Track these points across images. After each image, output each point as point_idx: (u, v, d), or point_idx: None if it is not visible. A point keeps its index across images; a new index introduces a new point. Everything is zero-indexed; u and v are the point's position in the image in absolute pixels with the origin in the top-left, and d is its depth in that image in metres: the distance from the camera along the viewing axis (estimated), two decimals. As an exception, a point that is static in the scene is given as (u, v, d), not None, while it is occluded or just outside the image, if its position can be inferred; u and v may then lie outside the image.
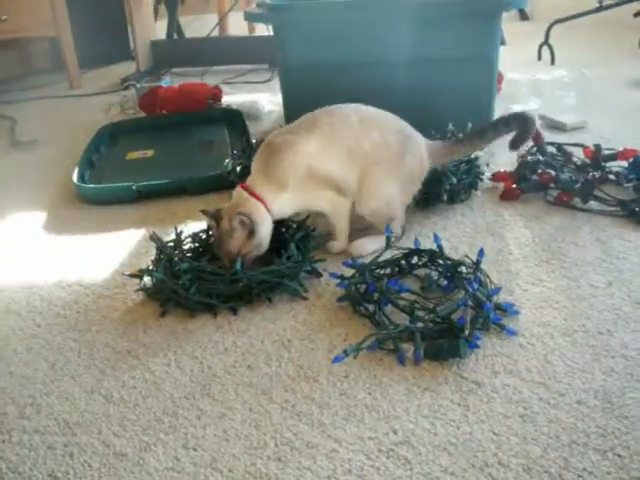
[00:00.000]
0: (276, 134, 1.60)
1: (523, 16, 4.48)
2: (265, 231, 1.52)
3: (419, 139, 1.67)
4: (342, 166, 1.57)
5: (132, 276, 1.54)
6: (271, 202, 1.52)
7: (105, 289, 1.58)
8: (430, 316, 1.32)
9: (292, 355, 1.30)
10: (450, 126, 1.98)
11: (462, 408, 1.14)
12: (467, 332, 1.25)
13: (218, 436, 1.12)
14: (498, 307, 1.36)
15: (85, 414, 1.19)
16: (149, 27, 3.76)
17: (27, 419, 1.19)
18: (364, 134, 1.58)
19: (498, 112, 2.29)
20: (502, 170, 1.95)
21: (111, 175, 2.24)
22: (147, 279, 1.53)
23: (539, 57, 3.43)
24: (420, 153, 1.65)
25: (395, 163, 1.59)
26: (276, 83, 2.60)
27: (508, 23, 2.21)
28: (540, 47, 3.43)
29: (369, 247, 1.63)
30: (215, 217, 1.52)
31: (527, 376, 1.20)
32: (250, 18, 2.35)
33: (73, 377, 1.29)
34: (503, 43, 2.32)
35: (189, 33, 4.25)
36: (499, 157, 2.11)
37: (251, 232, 1.49)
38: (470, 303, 1.32)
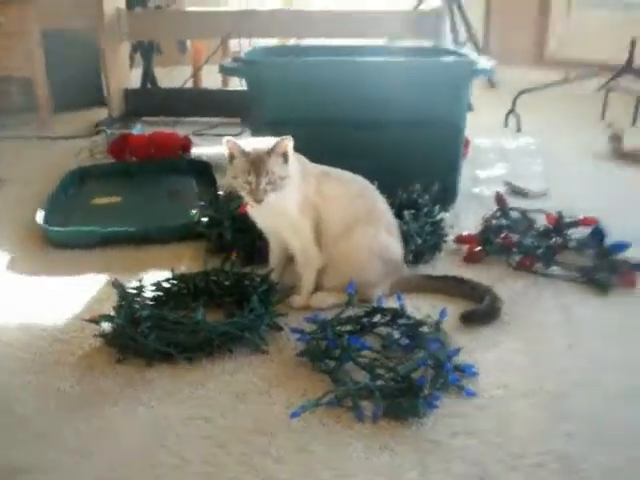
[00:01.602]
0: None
1: (491, 84, 4.59)
2: (293, 172, 1.53)
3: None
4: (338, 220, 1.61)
5: (91, 321, 1.52)
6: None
7: (63, 333, 1.56)
8: (390, 374, 1.32)
9: (249, 408, 1.29)
10: (417, 186, 2.01)
11: (421, 467, 1.13)
12: (427, 392, 1.25)
13: (171, 488, 1.10)
14: (458, 368, 1.36)
15: (39, 460, 1.16)
16: (123, 74, 3.77)
17: (-25, 463, 1.16)
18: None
19: (464, 176, 2.34)
20: (466, 233, 1.97)
21: (77, 219, 2.22)
22: (106, 325, 1.51)
23: (506, 124, 3.50)
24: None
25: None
26: (247, 137, 2.61)
27: (476, 90, 2.26)
28: (507, 115, 3.50)
29: (329, 300, 1.63)
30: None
31: (486, 437, 1.20)
32: (225, 71, 2.38)
33: (28, 422, 1.26)
34: (470, 109, 2.37)
35: (164, 83, 4.27)
36: (464, 220, 2.14)
37: (285, 158, 1.50)
38: (430, 363, 1.32)
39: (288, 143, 1.51)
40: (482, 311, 1.60)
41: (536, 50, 4.84)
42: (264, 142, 1.52)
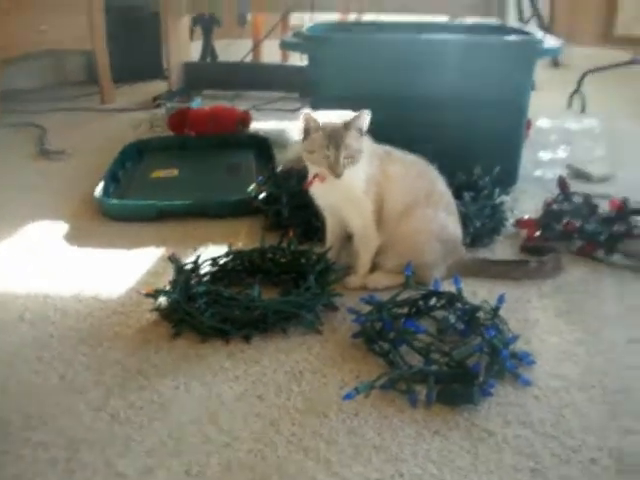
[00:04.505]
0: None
1: (555, 63, 4.49)
2: (365, 146, 1.54)
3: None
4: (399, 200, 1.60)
5: (148, 295, 1.53)
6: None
7: (120, 305, 1.58)
8: (445, 360, 1.30)
9: (303, 388, 1.29)
10: (477, 169, 1.97)
11: (471, 456, 1.12)
12: (481, 379, 1.23)
13: (222, 465, 1.10)
14: (514, 355, 1.34)
15: (90, 431, 1.18)
16: (183, 48, 3.79)
17: (32, 430, 1.18)
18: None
19: (525, 158, 2.29)
20: (526, 217, 1.94)
21: (135, 192, 2.25)
22: (162, 299, 1.52)
23: (569, 105, 3.42)
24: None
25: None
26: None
27: (540, 68, 2.21)
28: (571, 95, 3.42)
29: (385, 282, 1.62)
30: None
31: (540, 429, 1.17)
32: (286, 47, 2.37)
33: (81, 392, 1.28)
34: (533, 88, 2.32)
35: (223, 56, 4.28)
36: (524, 203, 2.10)
37: (361, 131, 1.50)
38: (486, 349, 1.30)
39: (366, 118, 1.50)
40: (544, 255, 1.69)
41: (604, 28, 4.68)
42: (339, 115, 1.51)
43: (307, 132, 1.52)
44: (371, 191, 1.57)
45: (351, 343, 1.42)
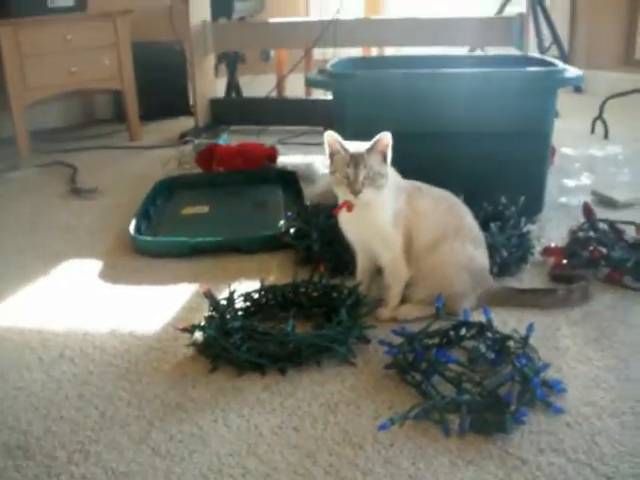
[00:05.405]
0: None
1: (577, 89, 4.51)
2: (390, 176, 1.57)
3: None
4: (427, 234, 1.63)
5: (184, 330, 1.57)
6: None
7: (156, 341, 1.62)
8: (477, 389, 1.32)
9: (338, 419, 1.31)
10: (502, 199, 2.00)
11: (506, 485, 1.13)
12: (513, 407, 1.25)
13: (262, 496, 1.13)
14: (545, 384, 1.35)
15: (132, 464, 1.21)
16: (209, 85, 3.86)
17: (75, 465, 1.21)
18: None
19: (550, 185, 2.31)
20: (553, 245, 1.95)
21: (167, 229, 2.30)
22: (198, 334, 1.56)
23: (592, 131, 3.44)
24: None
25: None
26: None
27: (562, 95, 2.24)
28: (594, 121, 3.43)
29: (415, 313, 1.65)
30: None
31: (573, 456, 1.19)
32: (311, 84, 2.41)
33: (122, 427, 1.31)
34: (557, 116, 2.34)
35: (247, 92, 4.35)
36: (550, 231, 2.12)
37: (384, 157, 1.55)
38: (517, 378, 1.32)
39: (388, 140, 1.54)
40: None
41: (625, 52, 4.70)
42: (362, 144, 1.56)
43: (331, 155, 1.57)
44: (400, 225, 1.60)
45: (384, 374, 1.44)
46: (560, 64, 2.26)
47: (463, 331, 1.53)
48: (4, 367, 1.54)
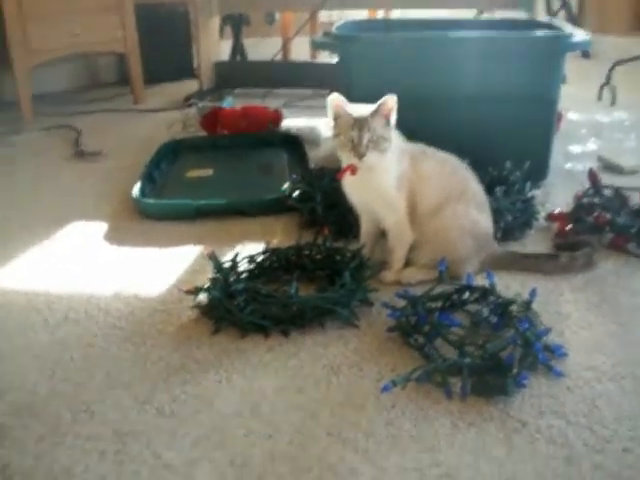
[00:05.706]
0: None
1: (585, 54, 4.46)
2: (394, 140, 1.57)
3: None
4: (431, 198, 1.63)
5: (188, 293, 1.58)
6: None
7: (160, 303, 1.62)
8: (479, 352, 1.33)
9: (340, 381, 1.32)
10: (508, 164, 2.00)
11: (506, 446, 1.14)
12: (515, 371, 1.26)
13: (264, 456, 1.14)
14: (547, 348, 1.36)
15: (136, 424, 1.22)
16: (214, 47, 3.83)
17: (80, 424, 1.22)
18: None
19: (556, 151, 2.30)
20: (557, 210, 1.95)
21: (171, 191, 2.30)
22: (202, 296, 1.56)
23: (599, 97, 3.41)
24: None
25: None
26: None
27: (569, 60, 2.21)
28: (601, 87, 3.41)
29: (418, 276, 1.65)
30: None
31: (573, 419, 1.20)
32: (317, 46, 2.40)
33: (126, 387, 1.33)
34: (564, 81, 2.32)
35: (252, 55, 4.32)
36: (555, 197, 2.11)
37: (388, 120, 1.54)
38: (519, 342, 1.33)
39: (392, 104, 1.53)
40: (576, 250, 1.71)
41: (634, 17, 4.65)
42: (367, 107, 1.54)
43: (335, 117, 1.56)
44: (403, 188, 1.60)
45: (387, 337, 1.45)
46: (568, 28, 2.24)
47: (466, 295, 1.53)
48: (10, 329, 1.55)
